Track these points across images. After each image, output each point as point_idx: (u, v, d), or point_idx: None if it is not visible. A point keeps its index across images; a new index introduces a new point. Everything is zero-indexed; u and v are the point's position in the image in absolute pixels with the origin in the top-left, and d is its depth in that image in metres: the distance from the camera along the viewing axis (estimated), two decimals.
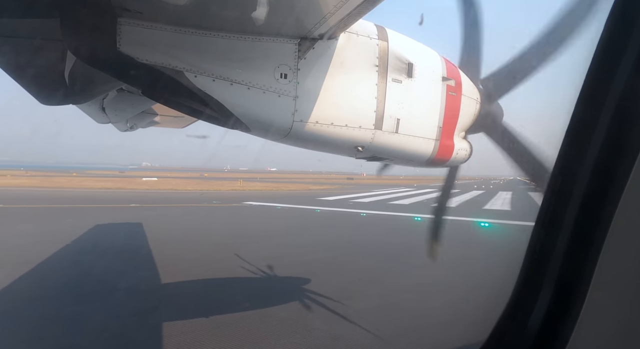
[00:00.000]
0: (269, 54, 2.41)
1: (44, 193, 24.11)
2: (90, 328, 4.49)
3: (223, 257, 8.20)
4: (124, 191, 28.43)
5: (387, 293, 6.16)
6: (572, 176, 0.95)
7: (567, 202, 0.95)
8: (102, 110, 4.41)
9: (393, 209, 19.29)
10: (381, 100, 2.71)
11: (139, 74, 2.21)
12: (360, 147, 2.78)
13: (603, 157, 0.89)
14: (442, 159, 3.18)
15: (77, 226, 11.05)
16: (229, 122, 2.41)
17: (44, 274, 6.67)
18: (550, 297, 0.97)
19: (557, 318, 0.95)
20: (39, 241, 9.16)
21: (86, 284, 6.19)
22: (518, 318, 1.04)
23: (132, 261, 7.72)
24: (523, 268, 1.05)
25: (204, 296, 5.83)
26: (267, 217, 16.53)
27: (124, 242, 9.89)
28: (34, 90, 2.83)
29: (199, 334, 4.37)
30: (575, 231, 0.93)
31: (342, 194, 29.52)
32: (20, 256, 7.60)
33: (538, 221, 1.02)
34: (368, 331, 4.51)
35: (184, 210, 17.98)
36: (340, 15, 2.10)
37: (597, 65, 0.92)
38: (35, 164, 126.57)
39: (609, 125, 0.87)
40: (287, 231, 12.66)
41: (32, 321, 4.61)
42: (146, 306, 5.27)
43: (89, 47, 2.15)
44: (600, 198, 0.88)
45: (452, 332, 4.38)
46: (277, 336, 4.40)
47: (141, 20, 2.14)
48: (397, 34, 2.89)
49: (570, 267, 0.93)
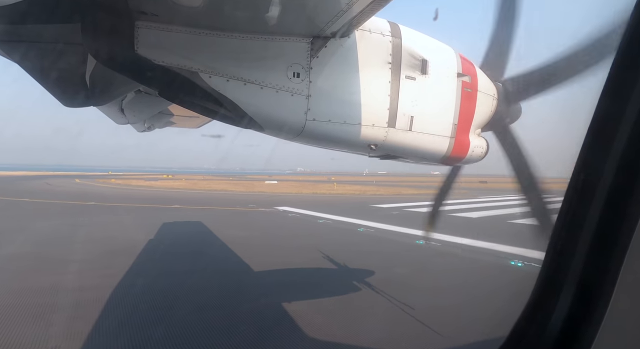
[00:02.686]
0: (281, 54, 2.43)
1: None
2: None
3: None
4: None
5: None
6: (595, 174, 0.91)
7: (590, 200, 0.91)
8: (120, 111, 4.54)
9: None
10: (394, 97, 2.68)
11: (155, 76, 2.26)
12: (373, 145, 2.76)
13: (628, 153, 0.85)
14: (457, 157, 3.12)
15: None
16: (243, 121, 2.44)
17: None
18: (572, 298, 0.94)
19: (580, 321, 0.91)
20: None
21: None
22: (538, 319, 1.01)
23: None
24: (543, 268, 1.02)
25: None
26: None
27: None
28: (56, 92, 2.94)
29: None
30: (599, 230, 0.89)
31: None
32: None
33: (559, 220, 0.99)
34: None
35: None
36: (352, 13, 2.09)
37: (622, 59, 0.88)
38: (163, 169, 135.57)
39: (635, 120, 0.84)
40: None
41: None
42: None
43: (108, 51, 2.22)
44: (625, 196, 0.84)
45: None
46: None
47: (157, 23, 2.19)
48: (411, 31, 2.85)
49: (594, 267, 0.90)
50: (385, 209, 18.89)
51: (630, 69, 0.86)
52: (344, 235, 11.72)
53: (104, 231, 11.51)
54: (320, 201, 22.89)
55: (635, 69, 0.85)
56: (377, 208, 19.43)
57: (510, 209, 15.67)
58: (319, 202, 22.37)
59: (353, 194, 30.37)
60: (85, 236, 10.68)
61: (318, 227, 13.28)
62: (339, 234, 11.91)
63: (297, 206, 19.13)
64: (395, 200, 23.47)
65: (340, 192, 31.32)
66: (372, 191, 34.06)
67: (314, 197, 26.17)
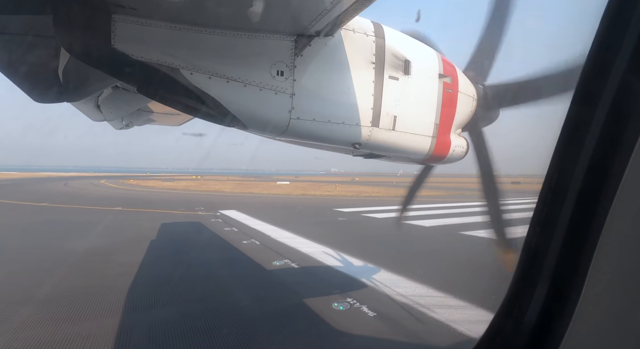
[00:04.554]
0: (265, 51, 2.40)
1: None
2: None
3: None
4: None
5: None
6: (567, 173, 0.95)
7: (562, 199, 0.95)
8: (97, 108, 4.36)
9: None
10: (378, 97, 2.71)
11: (134, 71, 2.18)
12: (357, 144, 2.78)
13: (598, 154, 0.89)
14: (439, 156, 3.20)
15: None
16: (226, 119, 2.40)
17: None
18: (546, 293, 0.98)
19: (553, 314, 0.96)
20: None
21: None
22: (514, 314, 1.05)
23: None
24: (519, 265, 1.06)
25: None
26: None
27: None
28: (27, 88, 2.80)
29: None
30: (571, 227, 0.94)
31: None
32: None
33: (534, 218, 1.03)
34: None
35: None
36: (336, 12, 2.09)
37: (592, 62, 0.93)
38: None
39: (604, 122, 0.88)
40: None
41: None
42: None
43: (82, 44, 2.12)
44: (595, 195, 0.89)
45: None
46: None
47: (136, 16, 2.12)
48: (394, 31, 2.88)
49: (566, 263, 0.94)
50: (341, 214, 17.07)
51: (598, 74, 0.91)
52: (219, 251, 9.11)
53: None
54: (285, 205, 21.25)
55: (603, 74, 0.89)
56: (336, 212, 17.59)
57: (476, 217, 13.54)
58: (283, 205, 20.79)
59: (341, 195, 29.48)
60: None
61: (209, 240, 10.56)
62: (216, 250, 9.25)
63: (247, 211, 16.98)
64: (372, 203, 22.61)
65: (331, 194, 30.41)
66: (368, 192, 33.05)
67: (288, 200, 24.58)
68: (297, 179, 76.15)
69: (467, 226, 12.93)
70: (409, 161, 3.39)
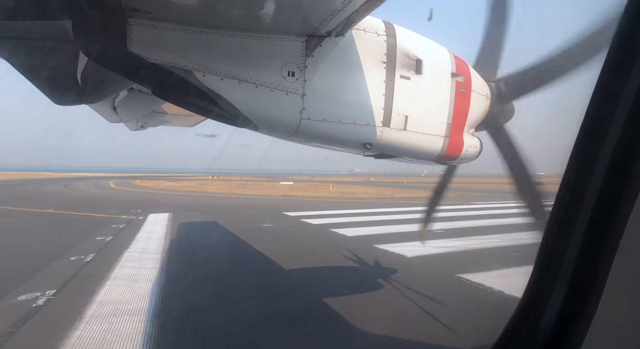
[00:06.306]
0: (276, 52, 2.41)
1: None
2: None
3: None
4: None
5: None
6: (586, 174, 0.92)
7: (581, 200, 0.92)
8: (113, 109, 4.49)
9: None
10: (389, 97, 2.69)
11: (148, 74, 2.23)
12: (368, 144, 2.76)
13: (618, 154, 0.86)
14: (451, 156, 3.14)
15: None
16: (238, 120, 2.42)
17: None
18: (563, 297, 0.95)
19: (571, 319, 0.92)
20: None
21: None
22: (530, 318, 1.02)
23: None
24: (535, 268, 1.03)
25: None
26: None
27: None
28: (47, 90, 2.90)
29: None
30: (590, 229, 0.90)
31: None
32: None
33: (551, 220, 1.00)
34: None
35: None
36: (347, 12, 2.09)
37: (613, 60, 0.89)
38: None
39: (625, 121, 0.85)
40: None
41: None
42: None
43: (100, 48, 2.18)
44: (615, 196, 0.85)
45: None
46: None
47: (150, 20, 2.17)
48: (405, 30, 2.85)
49: (585, 267, 0.91)
50: (281, 218, 14.78)
51: (620, 71, 0.87)
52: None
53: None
54: (240, 206, 18.94)
55: (626, 71, 0.86)
56: (278, 217, 15.09)
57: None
58: (237, 207, 18.49)
59: (321, 197, 26.82)
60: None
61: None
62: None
63: (183, 214, 14.90)
64: (338, 206, 19.79)
65: (311, 195, 28.08)
66: (357, 194, 30.61)
67: (255, 202, 22.15)
68: (312, 179, 75.09)
69: (389, 237, 10.21)
70: (421, 162, 3.34)
